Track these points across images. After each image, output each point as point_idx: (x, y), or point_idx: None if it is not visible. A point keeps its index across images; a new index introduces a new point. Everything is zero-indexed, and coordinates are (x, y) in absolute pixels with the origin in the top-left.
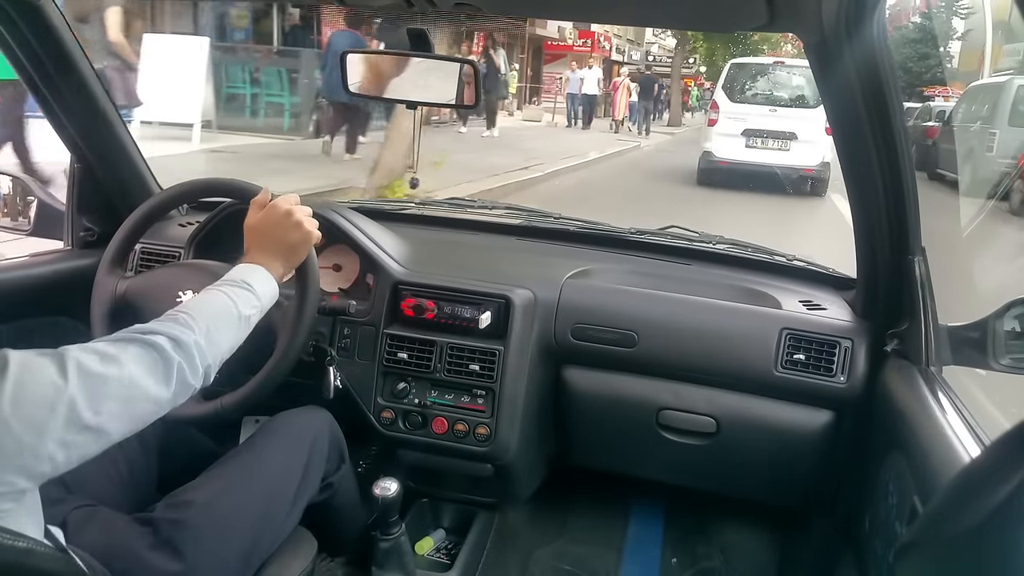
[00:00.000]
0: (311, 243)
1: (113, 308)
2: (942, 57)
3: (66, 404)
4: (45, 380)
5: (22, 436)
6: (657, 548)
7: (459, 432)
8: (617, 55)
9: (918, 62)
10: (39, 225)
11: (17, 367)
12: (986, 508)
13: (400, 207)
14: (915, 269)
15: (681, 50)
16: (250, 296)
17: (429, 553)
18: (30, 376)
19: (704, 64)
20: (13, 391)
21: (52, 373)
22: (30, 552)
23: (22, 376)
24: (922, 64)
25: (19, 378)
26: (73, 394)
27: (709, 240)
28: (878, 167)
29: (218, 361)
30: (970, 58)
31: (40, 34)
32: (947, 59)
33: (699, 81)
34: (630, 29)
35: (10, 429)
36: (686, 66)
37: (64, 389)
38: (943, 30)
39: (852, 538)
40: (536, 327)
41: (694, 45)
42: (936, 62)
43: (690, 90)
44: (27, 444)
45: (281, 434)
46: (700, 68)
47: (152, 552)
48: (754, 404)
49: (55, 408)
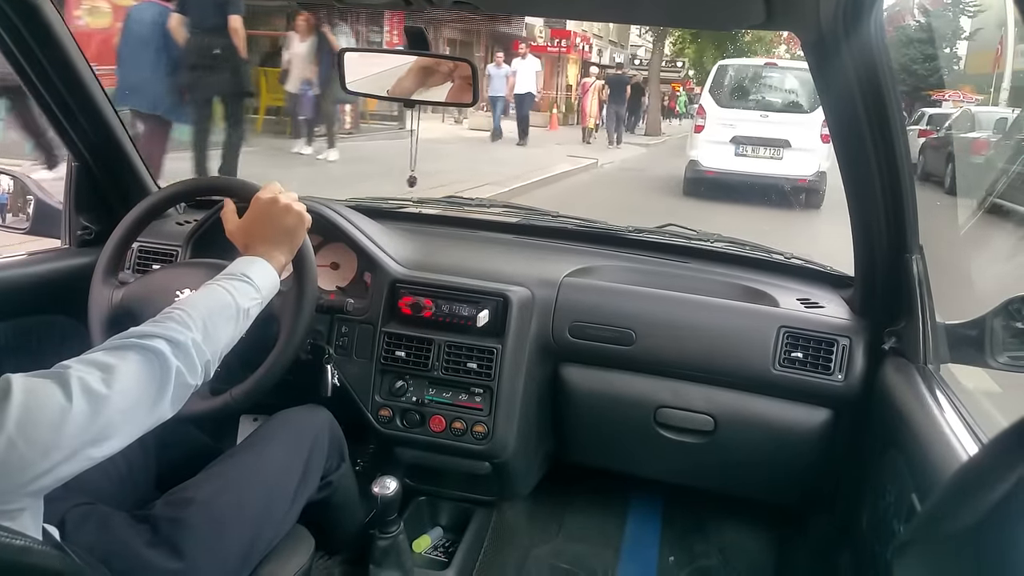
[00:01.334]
0: (306, 224)
1: (111, 316)
2: (948, 59)
3: (71, 424)
4: (51, 404)
5: (29, 457)
6: (655, 546)
7: (457, 430)
8: (598, 58)
9: (923, 63)
10: (37, 223)
11: (21, 392)
12: (984, 506)
13: (398, 205)
14: (913, 267)
15: (660, 47)
16: (249, 288)
17: (426, 551)
18: (35, 400)
19: (692, 67)
20: (19, 415)
21: (57, 396)
22: (27, 550)
23: (27, 400)
24: (927, 66)
25: (24, 402)
26: (77, 414)
27: (707, 238)
28: (876, 165)
29: (218, 356)
30: (981, 59)
31: (37, 33)
32: (954, 60)
33: (688, 86)
34: (613, 30)
35: (17, 452)
36: (674, 69)
37: (69, 410)
38: (949, 29)
39: (850, 536)
40: (534, 325)
41: (680, 47)
42: (942, 63)
43: (678, 95)
44: (34, 464)
45: (281, 432)
46: (689, 72)
47: (151, 550)
48: (752, 402)
49: (60, 429)
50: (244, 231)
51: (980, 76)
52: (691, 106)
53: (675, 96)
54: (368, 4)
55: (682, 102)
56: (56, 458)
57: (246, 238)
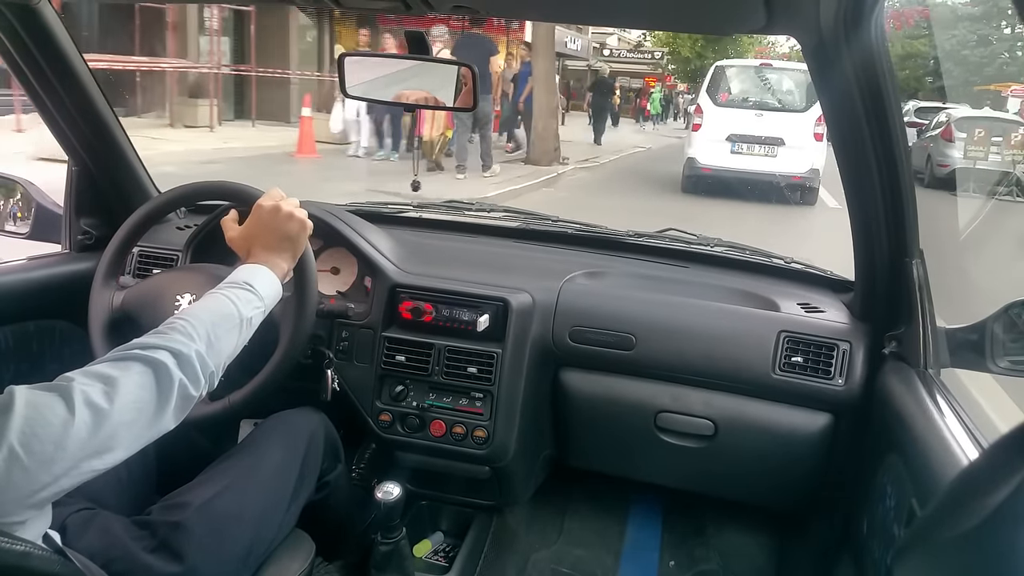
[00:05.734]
0: (307, 231)
1: (112, 321)
2: (1011, 41)
3: (74, 437)
4: (53, 417)
5: (33, 471)
6: (655, 551)
7: (457, 435)
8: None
9: (975, 49)
10: (37, 228)
11: (24, 406)
12: (984, 511)
13: (398, 210)
14: (913, 271)
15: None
16: (252, 297)
17: (427, 556)
18: (37, 413)
19: (669, 54)
20: (21, 429)
21: (59, 409)
22: (28, 555)
23: (29, 414)
24: (980, 52)
25: (27, 416)
26: (80, 427)
27: (707, 243)
28: (876, 169)
29: (221, 366)
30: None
31: (37, 37)
32: (1017, 44)
33: (668, 81)
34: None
35: (21, 466)
36: (645, 60)
37: (71, 423)
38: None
39: (850, 540)
40: (534, 330)
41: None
42: (1003, 47)
43: (651, 92)
44: (36, 478)
45: (276, 434)
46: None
47: (150, 555)
48: (752, 407)
49: (63, 442)
50: (246, 238)
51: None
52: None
53: (647, 93)
54: (366, 8)
55: (656, 100)
56: (58, 471)
57: (248, 245)
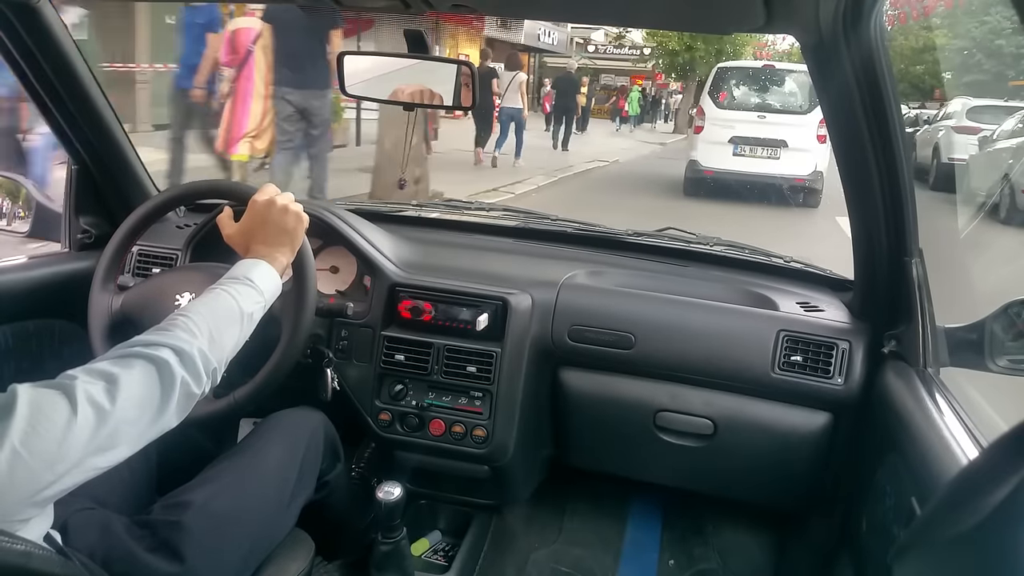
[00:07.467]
0: (304, 224)
1: (111, 320)
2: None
3: (76, 436)
4: (56, 416)
5: (35, 470)
6: (655, 550)
7: (456, 434)
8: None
9: (1012, 36)
10: (37, 227)
11: (26, 404)
12: (984, 510)
13: (397, 209)
14: (912, 271)
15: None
16: (252, 292)
17: (425, 555)
18: (40, 412)
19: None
20: (24, 427)
21: (62, 407)
22: (29, 555)
23: (32, 412)
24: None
25: (29, 414)
26: (82, 425)
27: (706, 242)
28: (876, 169)
29: (223, 362)
30: None
31: (38, 36)
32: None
33: (659, 79)
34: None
35: (24, 465)
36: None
37: (74, 421)
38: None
39: (849, 540)
40: (533, 329)
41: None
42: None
43: (630, 91)
44: (39, 476)
45: (275, 433)
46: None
47: (150, 554)
48: (751, 406)
49: (65, 441)
50: (243, 234)
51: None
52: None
53: (626, 92)
54: (366, 7)
55: (634, 100)
56: (61, 469)
57: (246, 241)
